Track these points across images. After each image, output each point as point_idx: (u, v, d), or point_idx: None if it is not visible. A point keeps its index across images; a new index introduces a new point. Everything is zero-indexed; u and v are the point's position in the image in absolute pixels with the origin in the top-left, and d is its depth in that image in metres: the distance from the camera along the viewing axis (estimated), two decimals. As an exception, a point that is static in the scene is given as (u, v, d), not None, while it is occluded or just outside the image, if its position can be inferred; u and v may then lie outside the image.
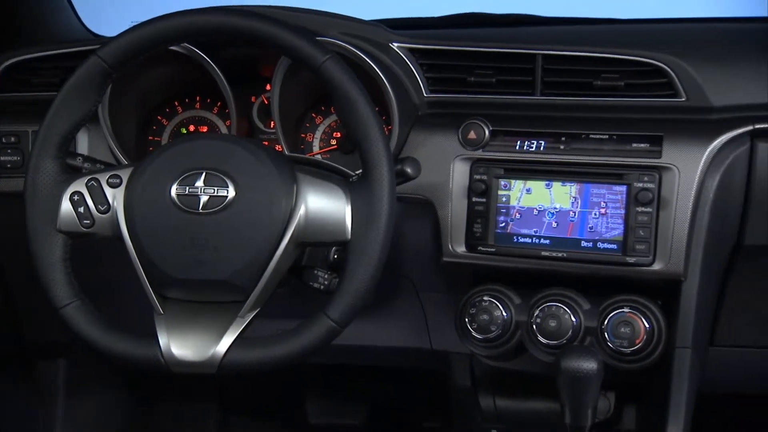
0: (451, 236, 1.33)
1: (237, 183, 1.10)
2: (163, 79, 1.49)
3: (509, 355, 1.36)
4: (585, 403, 1.17)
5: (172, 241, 1.10)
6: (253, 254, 1.09)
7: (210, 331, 1.10)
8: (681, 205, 1.25)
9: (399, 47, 1.40)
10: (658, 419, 1.28)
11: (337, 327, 1.09)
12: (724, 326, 1.43)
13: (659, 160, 1.27)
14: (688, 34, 1.47)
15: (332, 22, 1.39)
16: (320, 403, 2.10)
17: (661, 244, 1.26)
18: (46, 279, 1.15)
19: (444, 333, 1.47)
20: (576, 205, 1.30)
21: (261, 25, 1.12)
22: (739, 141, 1.27)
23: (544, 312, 1.31)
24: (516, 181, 1.32)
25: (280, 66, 1.36)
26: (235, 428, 2.11)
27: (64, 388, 1.87)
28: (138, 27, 1.16)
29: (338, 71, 1.10)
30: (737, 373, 1.51)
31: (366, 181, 1.10)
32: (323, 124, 1.50)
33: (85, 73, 1.15)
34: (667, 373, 1.29)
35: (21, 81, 1.51)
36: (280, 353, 1.10)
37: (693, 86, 1.32)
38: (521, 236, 1.31)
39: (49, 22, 1.76)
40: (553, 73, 1.36)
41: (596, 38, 1.41)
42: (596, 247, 1.29)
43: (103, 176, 1.16)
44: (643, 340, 1.28)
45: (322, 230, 1.11)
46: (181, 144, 1.15)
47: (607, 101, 1.35)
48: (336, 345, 1.13)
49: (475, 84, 1.39)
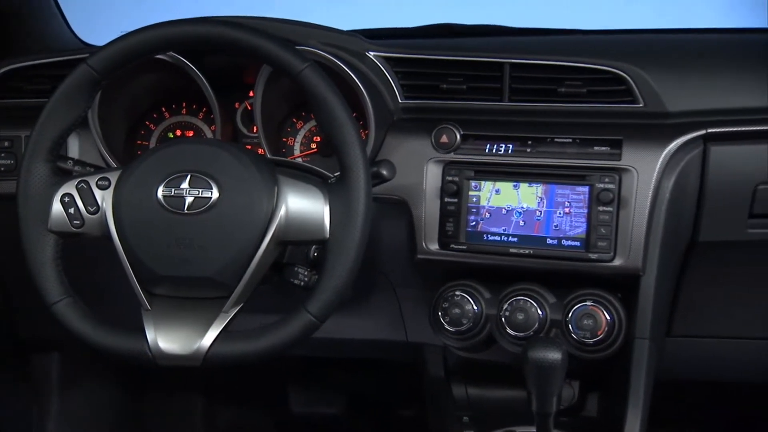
0: (425, 235, 1.33)
1: (221, 185, 1.09)
2: (151, 86, 1.48)
3: (480, 347, 1.37)
4: (550, 391, 1.16)
5: (158, 240, 1.10)
6: (236, 252, 1.09)
7: (195, 326, 1.10)
8: (639, 204, 1.26)
9: (375, 56, 1.40)
10: (619, 405, 1.29)
11: (316, 321, 1.09)
12: (681, 318, 1.45)
13: (619, 163, 1.27)
14: (646, 45, 1.48)
15: (311, 32, 1.39)
16: (302, 393, 2.10)
17: (621, 241, 1.27)
18: (38, 277, 1.14)
19: (419, 326, 1.47)
20: (542, 204, 1.30)
21: (243, 35, 1.12)
22: (693, 144, 1.28)
23: (513, 306, 1.31)
24: (486, 182, 1.32)
25: (262, 74, 1.35)
26: (221, 418, 2.10)
27: (57, 381, 1.86)
28: (126, 36, 1.15)
29: (316, 79, 1.10)
30: (693, 361, 1.52)
31: (343, 183, 1.10)
32: (303, 129, 1.50)
33: (74, 80, 1.15)
34: (627, 362, 1.29)
35: (14, 88, 1.50)
36: (262, 346, 1.09)
37: (650, 93, 1.32)
38: (491, 234, 1.32)
39: (41, 32, 1.75)
40: (519, 80, 1.36)
41: (560, 48, 1.42)
42: (561, 245, 1.29)
43: (93, 178, 1.15)
44: (605, 332, 1.28)
45: (301, 229, 1.11)
46: (167, 148, 1.14)
47: (570, 107, 1.35)
48: (316, 338, 1.13)
49: (447, 91, 1.39)
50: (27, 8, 1.72)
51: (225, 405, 2.11)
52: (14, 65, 1.49)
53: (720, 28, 1.61)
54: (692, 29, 1.62)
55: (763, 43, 1.49)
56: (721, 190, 1.29)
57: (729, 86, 1.34)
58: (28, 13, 1.72)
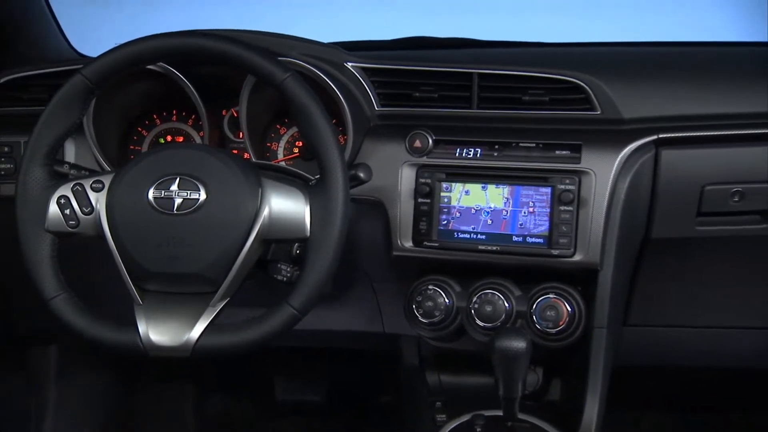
0: (400, 233, 1.33)
1: (208, 187, 1.09)
2: (143, 94, 1.47)
3: (451, 337, 1.37)
4: (516, 377, 1.17)
5: (149, 239, 1.09)
6: (223, 250, 1.09)
7: (184, 319, 1.09)
8: (597, 204, 1.27)
9: (353, 66, 1.40)
10: (579, 390, 1.30)
11: (298, 314, 1.09)
12: (636, 308, 1.46)
13: (578, 165, 1.28)
14: (603, 57, 1.49)
15: (293, 44, 1.39)
16: (286, 382, 2.09)
17: (580, 238, 1.27)
18: (36, 274, 1.13)
19: (395, 318, 1.47)
20: (508, 204, 1.31)
21: (229, 47, 1.12)
22: (646, 148, 1.29)
23: (481, 298, 1.32)
24: (456, 184, 1.32)
25: (247, 83, 1.35)
26: (211, 406, 2.09)
27: (55, 373, 1.84)
28: (118, 48, 1.15)
29: (298, 88, 1.10)
30: (648, 349, 1.53)
31: (323, 185, 1.10)
32: (286, 135, 1.49)
33: (69, 89, 1.14)
34: (586, 350, 1.30)
35: (13, 97, 1.48)
36: (247, 338, 1.09)
37: (607, 101, 1.33)
38: (461, 232, 1.32)
39: (39, 44, 1.73)
40: (487, 89, 1.37)
41: (525, 59, 1.42)
42: (525, 241, 1.30)
43: (87, 181, 1.14)
44: (566, 322, 1.29)
45: (284, 228, 1.11)
46: (157, 152, 1.14)
47: (534, 114, 1.36)
48: (300, 330, 1.13)
49: (420, 99, 1.39)
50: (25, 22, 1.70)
51: (214, 393, 2.11)
52: (13, 75, 1.48)
53: (671, 41, 1.62)
54: (646, 42, 1.63)
55: (709, 57, 1.50)
56: (671, 191, 1.30)
57: (679, 95, 1.35)
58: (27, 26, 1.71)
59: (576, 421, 1.27)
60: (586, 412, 1.27)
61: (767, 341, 1.50)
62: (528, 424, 1.26)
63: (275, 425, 2.08)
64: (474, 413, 1.27)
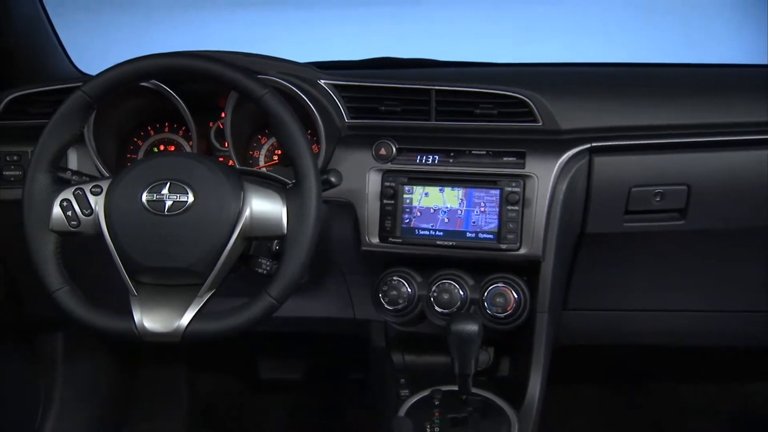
0: (368, 230, 1.33)
1: (195, 190, 1.09)
2: (139, 108, 1.45)
3: (413, 322, 1.37)
4: (469, 357, 1.17)
5: (143, 237, 1.09)
6: (209, 247, 1.08)
7: (175, 308, 1.09)
8: (539, 204, 1.27)
9: (325, 83, 1.39)
10: (524, 366, 1.31)
11: (276, 303, 1.09)
12: (574, 295, 1.47)
13: (523, 170, 1.28)
14: (544, 75, 1.49)
15: (272, 63, 1.38)
16: (269, 362, 2.08)
17: (525, 234, 1.28)
18: (41, 269, 1.12)
19: (364, 306, 1.47)
20: (462, 205, 1.31)
21: (214, 66, 1.12)
22: (581, 155, 1.30)
23: (439, 287, 1.32)
24: (417, 187, 1.32)
25: (231, 98, 1.34)
26: (202, 384, 2.08)
27: (62, 357, 1.82)
28: (115, 67, 1.14)
29: (275, 102, 1.10)
30: (586, 330, 1.54)
31: (298, 188, 1.10)
32: (267, 144, 1.49)
33: (71, 104, 1.13)
34: (531, 331, 1.31)
35: (21, 111, 1.46)
36: (231, 324, 1.09)
37: (547, 114, 1.34)
38: (421, 230, 1.32)
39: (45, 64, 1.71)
40: (443, 103, 1.37)
41: (477, 77, 1.43)
42: (478, 237, 1.30)
43: (87, 186, 1.14)
44: (513, 307, 1.30)
45: (263, 227, 1.11)
46: (150, 160, 1.13)
47: (484, 125, 1.36)
48: (280, 316, 1.13)
49: (385, 112, 1.39)
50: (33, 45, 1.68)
51: (205, 373, 2.09)
52: (21, 92, 1.46)
53: (603, 63, 1.63)
54: (582, 63, 1.64)
55: (635, 75, 1.52)
56: (603, 192, 1.31)
57: (609, 109, 1.35)
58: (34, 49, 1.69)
59: (521, 394, 1.28)
60: (530, 386, 1.28)
61: (686, 322, 1.52)
62: (480, 398, 1.26)
63: (259, 400, 2.07)
64: (433, 388, 1.28)
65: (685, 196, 1.31)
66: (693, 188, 1.31)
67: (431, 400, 1.26)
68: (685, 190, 1.31)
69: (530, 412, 1.25)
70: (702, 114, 1.34)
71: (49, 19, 1.70)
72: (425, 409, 1.25)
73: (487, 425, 1.21)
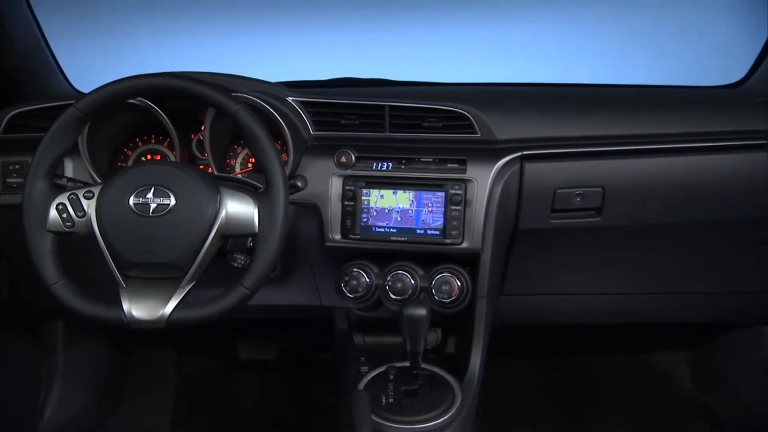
0: (331, 228, 1.33)
1: (177, 194, 1.08)
2: (128, 122, 1.43)
3: (371, 308, 1.37)
4: (419, 337, 1.18)
5: (130, 236, 1.07)
6: (189, 244, 1.07)
7: (159, 298, 1.08)
8: (478, 204, 1.28)
9: (293, 100, 1.39)
10: (467, 344, 1.32)
11: (249, 293, 1.08)
12: (510, 282, 1.48)
13: (464, 175, 1.29)
14: (482, 93, 1.50)
15: (245, 83, 1.37)
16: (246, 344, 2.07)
17: (467, 230, 1.29)
18: (40, 265, 1.10)
19: (329, 294, 1.46)
20: (413, 205, 1.31)
21: (192, 85, 1.11)
22: (514, 162, 1.31)
23: (394, 277, 1.32)
24: (373, 190, 1.32)
25: (209, 113, 1.33)
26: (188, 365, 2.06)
27: (62, 342, 1.78)
28: (104, 86, 1.12)
29: (247, 117, 1.10)
30: (519, 312, 1.56)
31: (268, 192, 1.10)
32: (242, 153, 1.47)
33: (65, 119, 1.11)
34: (472, 314, 1.32)
35: (23, 125, 1.43)
36: (210, 312, 1.08)
37: (484, 126, 1.35)
38: (377, 227, 1.32)
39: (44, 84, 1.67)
40: (396, 117, 1.37)
41: (425, 95, 1.43)
42: (426, 234, 1.31)
43: (81, 191, 1.12)
44: (457, 294, 1.30)
45: (238, 226, 1.10)
46: (136, 168, 1.12)
47: (431, 136, 1.36)
48: (255, 304, 1.13)
49: (345, 125, 1.38)
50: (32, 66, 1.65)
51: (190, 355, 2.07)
52: (22, 108, 1.43)
53: (532, 83, 1.64)
54: (515, 83, 1.65)
55: (560, 94, 1.53)
56: (532, 194, 1.33)
57: (538, 122, 1.37)
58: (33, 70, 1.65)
59: (464, 368, 1.29)
60: (471, 361, 1.29)
61: (603, 303, 1.54)
62: (429, 372, 1.27)
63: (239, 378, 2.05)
64: (388, 365, 1.28)
65: (601, 196, 1.33)
66: (607, 190, 1.33)
67: (387, 375, 1.26)
68: (600, 191, 1.33)
69: (471, 383, 1.26)
70: (614, 127, 1.36)
71: (48, 45, 1.67)
72: (382, 382, 1.25)
73: (435, 395, 1.22)
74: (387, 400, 1.21)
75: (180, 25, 1.88)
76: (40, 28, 1.63)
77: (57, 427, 1.72)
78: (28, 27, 1.60)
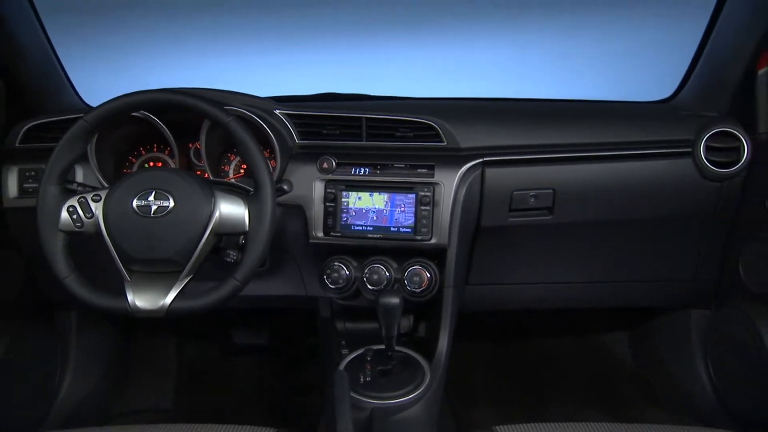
0: (314, 227, 1.33)
1: (175, 197, 1.08)
2: (132, 133, 1.42)
3: (351, 297, 1.37)
4: (393, 322, 1.18)
5: (133, 235, 1.07)
6: (187, 241, 1.07)
7: (160, 290, 1.07)
8: (445, 204, 1.29)
9: (280, 113, 1.39)
10: (436, 329, 1.32)
11: (241, 285, 1.08)
12: (474, 273, 1.48)
13: (433, 179, 1.30)
14: (449, 107, 1.50)
15: (237, 97, 1.37)
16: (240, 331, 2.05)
17: (435, 228, 1.29)
18: (53, 261, 1.09)
19: (313, 285, 1.46)
20: (387, 206, 1.32)
21: (189, 100, 1.10)
22: (476, 167, 1.32)
23: (371, 270, 1.33)
24: (352, 192, 1.33)
25: (205, 125, 1.32)
26: (187, 350, 2.04)
27: (75, 330, 1.76)
28: (111, 101, 1.12)
29: (238, 128, 1.10)
30: (483, 299, 1.56)
31: (257, 195, 1.10)
32: (235, 160, 1.47)
33: (75, 130, 1.11)
34: (440, 302, 1.33)
35: (37, 136, 1.42)
36: (205, 302, 1.08)
37: (450, 136, 1.36)
38: (356, 226, 1.33)
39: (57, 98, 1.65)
40: (372, 128, 1.37)
41: (398, 108, 1.43)
42: (399, 231, 1.31)
43: (89, 195, 1.11)
44: (427, 284, 1.31)
45: (230, 225, 1.10)
46: (139, 174, 1.11)
47: (403, 144, 1.37)
48: (248, 295, 1.13)
49: (327, 135, 1.39)
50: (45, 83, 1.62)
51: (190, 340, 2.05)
52: (37, 121, 1.42)
53: (493, 98, 1.65)
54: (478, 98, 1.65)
55: (519, 107, 1.53)
56: (493, 195, 1.34)
57: (497, 132, 1.37)
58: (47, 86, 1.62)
59: (434, 350, 1.30)
60: (439, 344, 1.29)
61: (558, 290, 1.54)
62: (402, 354, 1.28)
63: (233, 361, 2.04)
64: (366, 348, 1.29)
65: (552, 197, 1.34)
66: (557, 191, 1.34)
67: (365, 357, 1.27)
68: (551, 193, 1.34)
69: (439, 364, 1.26)
70: (563, 136, 1.38)
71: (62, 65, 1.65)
72: (360, 363, 1.25)
73: (407, 374, 1.23)
74: (365, 378, 1.21)
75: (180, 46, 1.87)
76: (54, 51, 1.61)
77: (71, 404, 1.70)
78: (44, 49, 1.58)
